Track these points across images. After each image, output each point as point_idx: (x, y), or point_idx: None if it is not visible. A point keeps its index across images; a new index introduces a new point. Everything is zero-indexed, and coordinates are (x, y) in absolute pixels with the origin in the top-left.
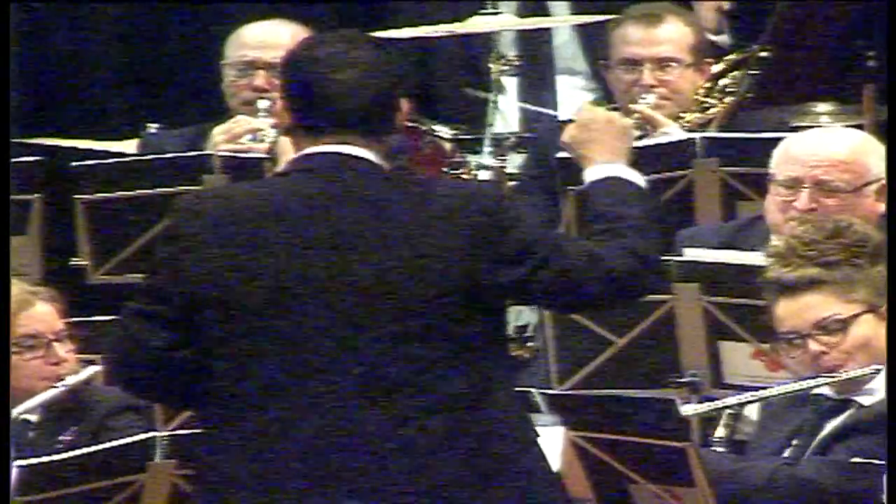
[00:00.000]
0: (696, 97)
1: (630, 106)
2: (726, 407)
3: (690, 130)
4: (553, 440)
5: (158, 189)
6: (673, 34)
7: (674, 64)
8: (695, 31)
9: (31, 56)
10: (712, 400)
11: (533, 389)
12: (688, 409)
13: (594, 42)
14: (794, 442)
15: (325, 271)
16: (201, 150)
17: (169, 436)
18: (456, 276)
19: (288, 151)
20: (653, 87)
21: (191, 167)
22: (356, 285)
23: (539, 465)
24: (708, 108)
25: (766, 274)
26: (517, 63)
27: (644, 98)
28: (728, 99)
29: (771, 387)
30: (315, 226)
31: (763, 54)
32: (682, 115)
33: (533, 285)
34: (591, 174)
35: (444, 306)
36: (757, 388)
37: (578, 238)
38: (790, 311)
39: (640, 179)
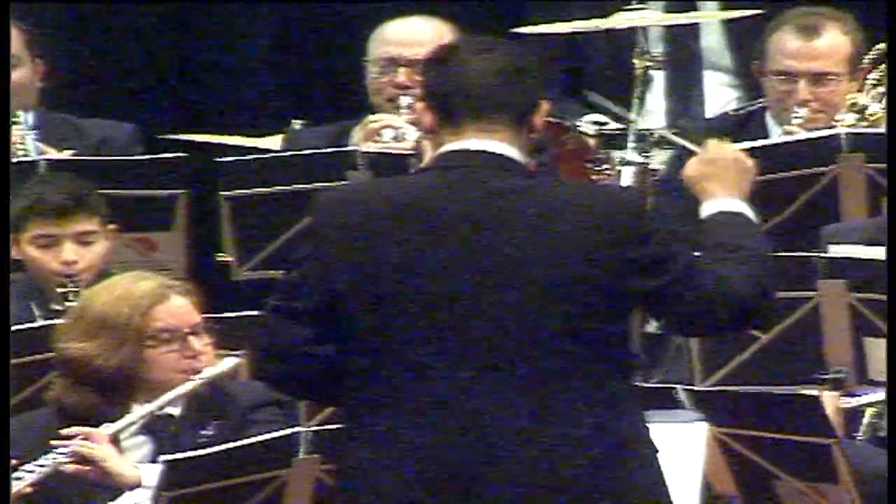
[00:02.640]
0: (848, 99)
1: (786, 128)
2: None
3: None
4: (697, 436)
5: (303, 185)
6: (831, 47)
7: (830, 77)
8: (852, 40)
9: (180, 54)
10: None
11: (677, 386)
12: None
13: (742, 38)
14: None
15: (463, 266)
16: (345, 147)
17: (313, 431)
18: (591, 276)
19: (430, 149)
20: (807, 101)
21: (335, 163)
22: (493, 278)
23: (661, 479)
24: (862, 110)
25: None
26: (662, 59)
27: (797, 113)
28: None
29: None
30: (453, 222)
31: None
32: (836, 120)
33: (663, 299)
34: (709, 207)
35: (580, 303)
36: None
37: (709, 260)
38: None
39: (754, 216)
